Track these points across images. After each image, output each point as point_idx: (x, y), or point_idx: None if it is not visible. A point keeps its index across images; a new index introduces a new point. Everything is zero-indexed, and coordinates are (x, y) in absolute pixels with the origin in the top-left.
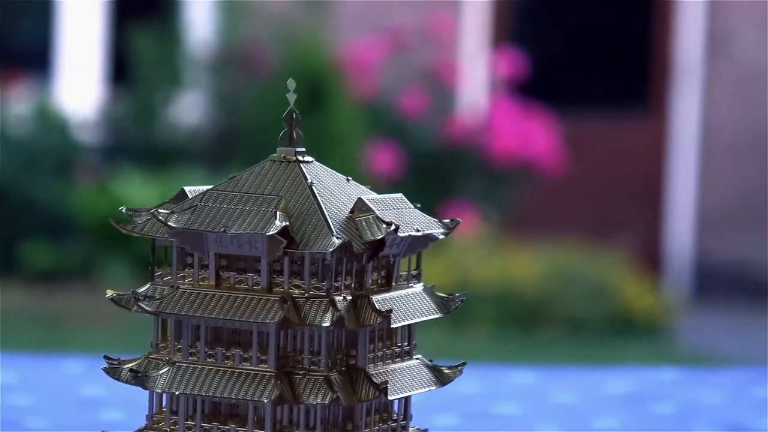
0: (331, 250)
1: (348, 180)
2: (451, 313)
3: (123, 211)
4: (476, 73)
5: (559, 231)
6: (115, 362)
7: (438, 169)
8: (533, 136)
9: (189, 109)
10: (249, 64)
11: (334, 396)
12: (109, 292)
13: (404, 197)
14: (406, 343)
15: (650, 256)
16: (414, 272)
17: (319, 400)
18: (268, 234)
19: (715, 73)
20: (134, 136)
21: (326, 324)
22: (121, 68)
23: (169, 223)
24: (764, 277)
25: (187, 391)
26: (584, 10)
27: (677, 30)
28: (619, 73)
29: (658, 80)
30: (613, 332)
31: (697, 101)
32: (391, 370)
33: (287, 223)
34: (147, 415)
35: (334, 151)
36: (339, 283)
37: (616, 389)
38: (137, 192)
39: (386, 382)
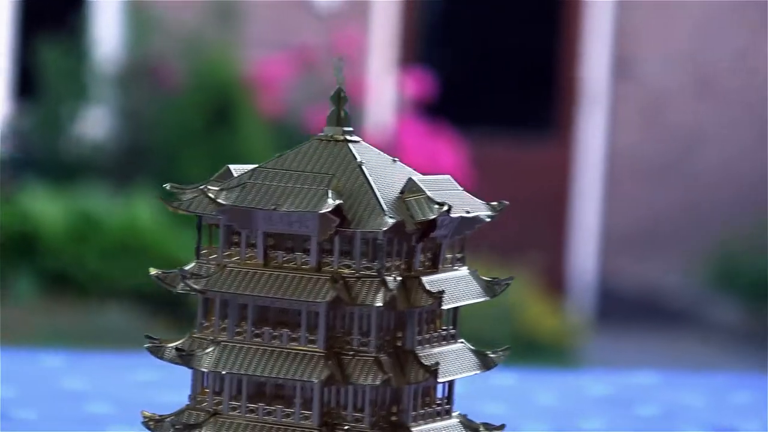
0: (384, 229)
1: (394, 161)
2: (496, 296)
3: (167, 187)
4: (384, 92)
5: (466, 251)
6: (158, 341)
7: None
8: (440, 156)
9: (96, 123)
10: (156, 78)
11: (386, 377)
12: (153, 271)
13: (452, 178)
14: (451, 327)
15: (555, 278)
16: (459, 255)
17: (369, 381)
18: (320, 212)
19: (620, 97)
20: (40, 150)
21: (378, 304)
22: (28, 82)
23: (218, 200)
24: (667, 300)
25: (234, 371)
26: (492, 32)
27: (583, 53)
28: (525, 94)
29: (564, 102)
30: (517, 354)
31: (603, 124)
32: (438, 353)
33: (340, 202)
34: (189, 395)
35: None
36: (389, 263)
37: (598, 392)
38: (43, 206)
39: (437, 364)
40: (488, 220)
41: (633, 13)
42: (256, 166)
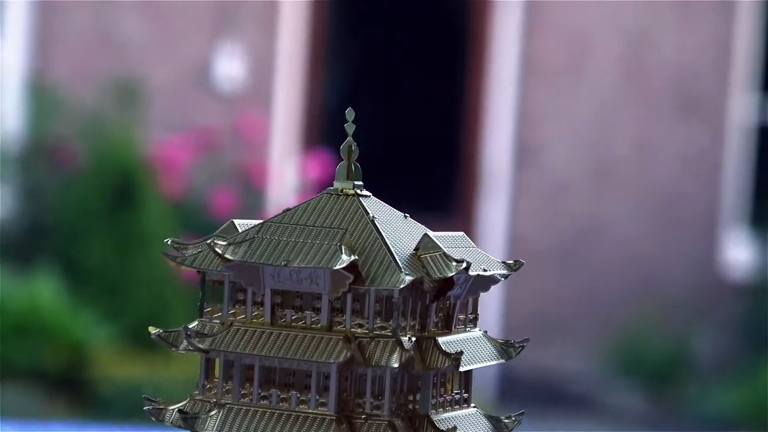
0: (401, 286)
1: (406, 217)
2: (512, 359)
3: (168, 243)
4: (286, 175)
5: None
6: (157, 403)
7: None
8: None
9: None
10: (58, 159)
11: None
12: (153, 330)
13: (466, 236)
14: (464, 390)
15: None
16: (471, 316)
17: None
18: (334, 269)
19: (523, 183)
20: None
21: (395, 365)
22: None
23: (226, 255)
24: (568, 386)
25: None
26: (395, 116)
27: (486, 138)
28: (428, 179)
29: (467, 188)
30: None
31: (505, 210)
32: (453, 417)
33: (355, 258)
34: None
35: (142, 250)
36: (404, 323)
37: None
38: None
39: (455, 428)
40: (503, 279)
41: (535, 101)
42: (264, 220)
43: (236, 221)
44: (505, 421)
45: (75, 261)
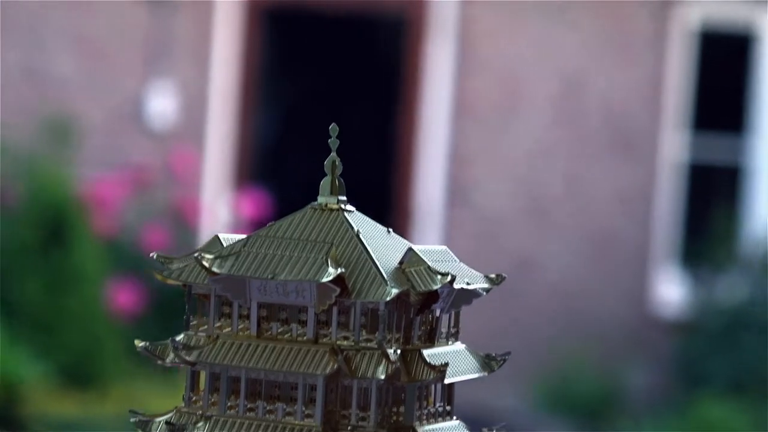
0: (387, 299)
1: (389, 232)
2: (493, 372)
3: (154, 257)
4: (219, 212)
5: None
6: (142, 415)
7: (180, 307)
8: None
9: None
10: None
11: None
12: (139, 342)
13: (449, 250)
14: (447, 403)
15: None
16: (453, 330)
17: None
18: (321, 281)
19: (456, 221)
20: None
21: (381, 376)
22: None
23: (213, 269)
24: (499, 423)
25: None
26: (326, 152)
27: (419, 177)
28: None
29: (399, 225)
30: None
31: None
32: (437, 429)
33: (342, 271)
34: None
35: (75, 287)
36: (389, 336)
37: None
38: None
39: None
40: (485, 293)
41: (468, 140)
42: (249, 234)
43: (221, 235)
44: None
45: (8, 298)
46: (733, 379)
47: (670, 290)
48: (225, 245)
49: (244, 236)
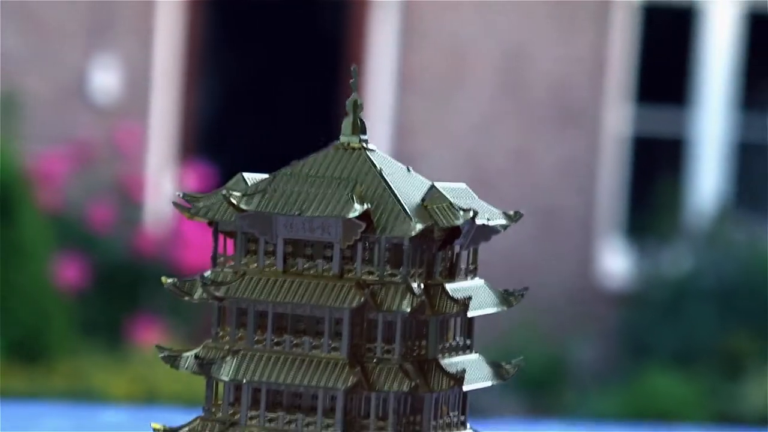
0: (412, 234)
1: (408, 170)
2: (512, 307)
3: (180, 195)
4: (164, 186)
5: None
6: (171, 350)
7: (126, 282)
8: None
9: None
10: None
11: (412, 383)
12: (166, 280)
13: (468, 188)
14: (467, 337)
15: None
16: (472, 266)
17: (396, 388)
18: (347, 217)
19: None
20: None
21: (407, 309)
22: None
23: (240, 206)
24: None
25: (255, 379)
26: (271, 125)
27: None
28: None
29: None
30: None
31: None
32: (460, 362)
33: (368, 206)
34: (204, 407)
35: (21, 262)
36: (413, 271)
37: None
38: None
39: (463, 371)
40: (503, 230)
41: (413, 112)
42: (275, 172)
43: (245, 174)
44: (506, 366)
45: None
46: (678, 349)
47: (615, 262)
48: (249, 184)
49: (268, 175)
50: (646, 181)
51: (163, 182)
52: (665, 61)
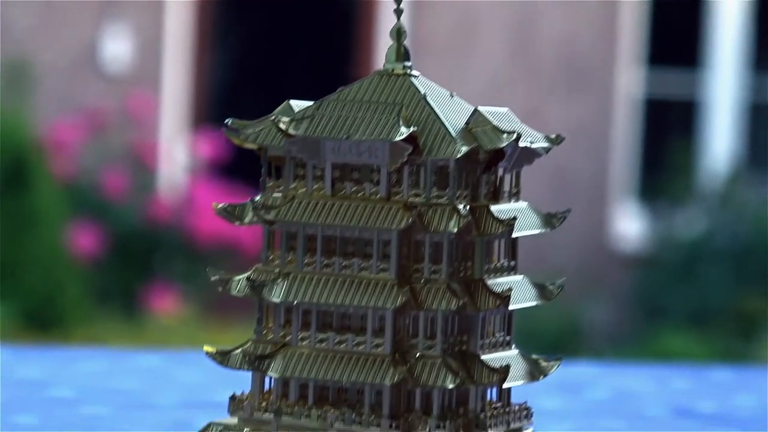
0: (458, 156)
1: (452, 95)
2: (554, 228)
3: (228, 123)
4: (177, 154)
5: None
6: (222, 274)
7: (140, 250)
8: None
9: None
10: None
11: (460, 302)
12: (217, 204)
13: (511, 112)
14: (512, 259)
15: None
16: (515, 189)
17: (444, 307)
18: (393, 140)
19: None
20: None
21: (453, 230)
22: None
23: (289, 131)
24: None
25: (305, 300)
26: (281, 94)
27: None
28: None
29: None
30: None
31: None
32: (505, 283)
33: (414, 129)
34: (255, 329)
35: (36, 230)
36: (459, 193)
37: None
38: None
39: (510, 290)
40: (545, 153)
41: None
42: (322, 98)
43: (292, 102)
44: (549, 287)
45: None
46: (692, 310)
47: (629, 224)
48: (296, 110)
49: (316, 101)
50: (658, 143)
51: (175, 149)
52: (677, 24)
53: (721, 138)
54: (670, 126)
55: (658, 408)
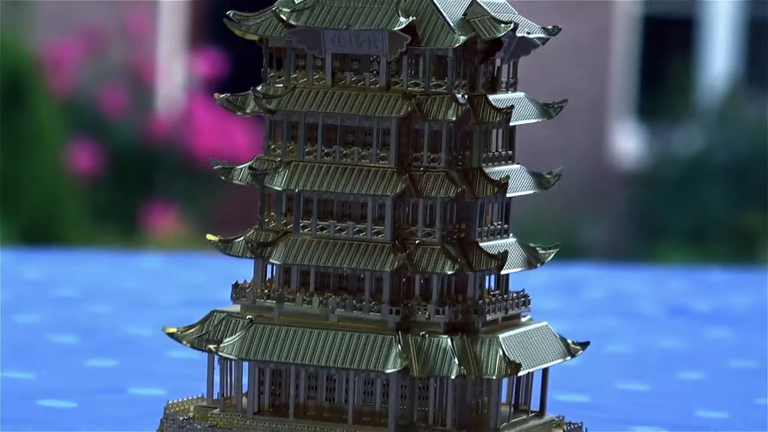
0: (456, 45)
1: None
2: (552, 118)
3: (230, 15)
4: (175, 73)
5: None
6: (225, 163)
7: (139, 168)
8: (233, 136)
9: None
10: None
11: (458, 189)
12: (218, 96)
13: (508, 3)
14: (509, 149)
15: None
16: (512, 80)
17: (442, 194)
18: (393, 30)
19: None
20: None
21: (452, 118)
22: None
23: (290, 21)
24: None
25: (307, 188)
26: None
27: None
28: None
29: None
30: None
31: None
32: (502, 171)
33: (413, 19)
34: (257, 218)
35: (34, 148)
36: (457, 82)
37: None
38: None
39: (507, 177)
40: (542, 44)
41: None
42: None
43: None
44: (547, 176)
45: None
46: (691, 228)
47: (627, 142)
48: (297, 1)
49: None
50: (657, 61)
51: (174, 67)
52: None
53: (719, 55)
54: (668, 43)
55: (653, 307)
